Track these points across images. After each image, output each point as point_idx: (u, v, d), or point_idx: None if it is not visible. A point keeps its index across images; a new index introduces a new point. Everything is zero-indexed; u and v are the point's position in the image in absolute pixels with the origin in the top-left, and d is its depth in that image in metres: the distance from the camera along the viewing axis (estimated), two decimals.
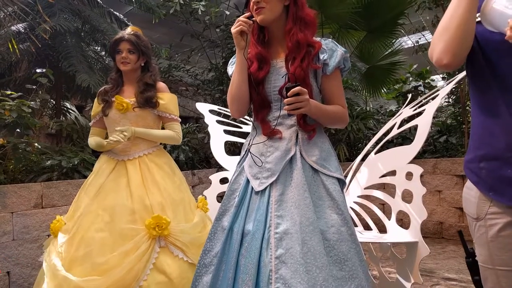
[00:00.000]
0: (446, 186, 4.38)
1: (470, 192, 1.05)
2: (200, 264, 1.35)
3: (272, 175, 1.29)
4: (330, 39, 1.41)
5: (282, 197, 1.25)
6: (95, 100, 2.12)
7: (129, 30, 2.10)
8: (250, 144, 1.39)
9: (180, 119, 2.16)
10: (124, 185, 1.91)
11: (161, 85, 2.12)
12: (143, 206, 1.86)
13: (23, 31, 4.21)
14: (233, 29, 1.28)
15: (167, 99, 2.08)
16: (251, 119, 1.47)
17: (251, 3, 1.33)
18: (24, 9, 3.56)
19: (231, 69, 1.48)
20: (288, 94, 1.18)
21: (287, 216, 1.21)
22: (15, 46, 3.49)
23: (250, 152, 1.37)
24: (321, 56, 1.34)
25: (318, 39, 1.39)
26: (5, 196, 2.84)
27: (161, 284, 1.71)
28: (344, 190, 2.67)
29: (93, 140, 2.07)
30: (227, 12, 5.81)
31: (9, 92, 3.12)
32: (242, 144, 1.77)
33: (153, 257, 1.76)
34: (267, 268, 1.16)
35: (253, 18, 1.29)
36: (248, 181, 1.35)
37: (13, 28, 4.10)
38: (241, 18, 1.28)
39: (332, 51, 1.35)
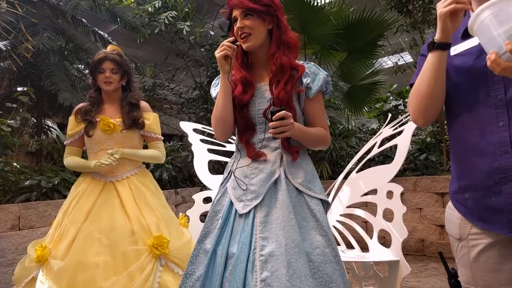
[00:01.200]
0: (427, 204, 4.46)
1: (453, 213, 1.06)
2: None
3: (257, 197, 1.28)
4: (313, 63, 1.44)
5: (267, 218, 1.25)
6: (71, 118, 2.07)
7: (109, 49, 2.10)
8: (235, 168, 1.38)
9: (162, 138, 2.17)
10: (117, 206, 1.90)
11: (144, 104, 2.12)
12: (141, 227, 1.86)
13: (4, 49, 4.17)
14: (217, 53, 1.29)
15: (152, 119, 2.09)
16: (235, 141, 1.47)
17: (235, 28, 1.34)
18: (5, 27, 3.54)
19: (214, 91, 1.49)
20: (273, 118, 1.19)
21: (272, 238, 1.20)
22: None
23: (234, 176, 1.36)
24: (304, 80, 1.37)
25: (300, 62, 1.41)
26: None
27: None
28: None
29: (72, 160, 2.03)
30: (212, 32, 5.90)
31: None
32: (226, 162, 1.78)
33: (157, 276, 1.78)
34: None
35: (237, 43, 1.31)
36: (231, 203, 1.34)
37: None
38: (225, 42, 1.29)
39: (315, 75, 1.38)
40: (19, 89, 3.49)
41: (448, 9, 0.91)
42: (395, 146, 2.46)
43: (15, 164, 3.33)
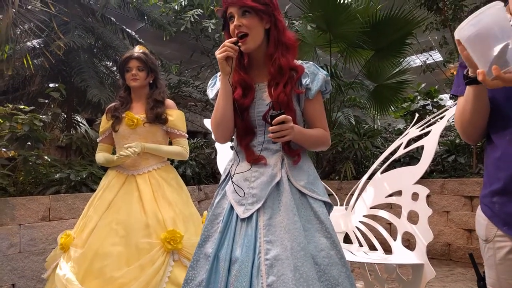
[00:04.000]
0: (454, 207, 4.33)
1: (481, 214, 1.07)
2: None
3: (258, 201, 1.25)
4: (312, 63, 1.39)
5: (270, 221, 1.22)
6: (103, 117, 2.18)
7: (137, 49, 2.18)
8: (234, 173, 1.34)
9: (187, 135, 2.20)
10: (136, 199, 1.96)
11: (169, 102, 2.18)
12: (156, 221, 1.90)
13: (37, 46, 4.33)
14: (218, 54, 1.24)
15: (175, 116, 2.14)
16: (233, 144, 1.43)
17: (232, 26, 1.29)
18: (39, 26, 3.67)
19: (211, 92, 1.45)
20: (273, 122, 1.16)
21: (277, 242, 1.17)
22: (30, 62, 3.58)
23: (232, 182, 1.32)
24: (304, 81, 1.33)
25: (299, 62, 1.37)
26: (14, 209, 2.88)
27: None
28: (350, 209, 2.65)
29: (101, 156, 2.14)
30: None
31: (22, 106, 3.19)
32: None
33: (168, 270, 1.80)
34: None
35: (239, 44, 1.25)
36: (232, 206, 1.30)
37: (28, 44, 4.22)
38: (226, 43, 1.24)
39: (314, 75, 1.34)
40: (50, 85, 3.61)
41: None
42: (422, 147, 2.40)
43: (46, 157, 3.45)
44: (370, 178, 2.67)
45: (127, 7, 5.11)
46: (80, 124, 5.16)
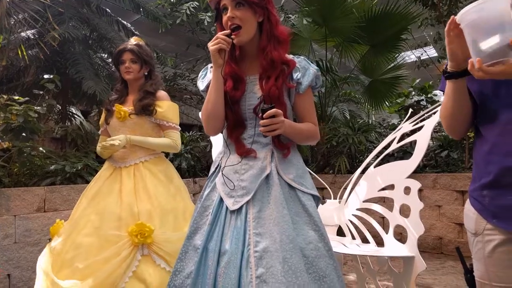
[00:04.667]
0: (446, 201, 4.39)
1: (470, 208, 1.08)
2: (170, 286, 1.28)
3: (248, 193, 1.26)
4: (303, 57, 1.40)
5: (260, 214, 1.23)
6: (103, 109, 2.19)
7: (132, 40, 2.16)
8: (224, 166, 1.35)
9: (179, 128, 2.17)
10: (116, 191, 1.94)
11: (162, 93, 2.14)
12: (130, 213, 1.86)
13: (32, 37, 4.30)
14: (211, 46, 1.23)
15: (166, 107, 2.09)
16: (223, 136, 1.43)
17: (225, 18, 1.29)
18: (34, 16, 3.64)
19: (201, 83, 1.45)
20: (263, 116, 1.17)
21: (266, 234, 1.18)
22: (24, 52, 3.56)
23: (222, 174, 1.33)
24: (294, 75, 1.34)
25: (290, 57, 1.37)
26: (8, 199, 2.88)
27: None
28: (343, 203, 2.68)
29: (98, 148, 2.14)
30: None
31: (16, 97, 3.18)
32: None
33: (133, 264, 1.74)
34: None
35: (232, 36, 1.25)
36: (221, 199, 1.31)
37: (22, 34, 4.18)
38: (220, 35, 1.24)
39: (305, 70, 1.35)
40: (45, 76, 3.60)
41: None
42: (415, 142, 2.43)
43: (41, 149, 3.45)
44: (363, 172, 2.70)
45: None
46: (75, 116, 5.15)
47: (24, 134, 3.10)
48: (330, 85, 6.05)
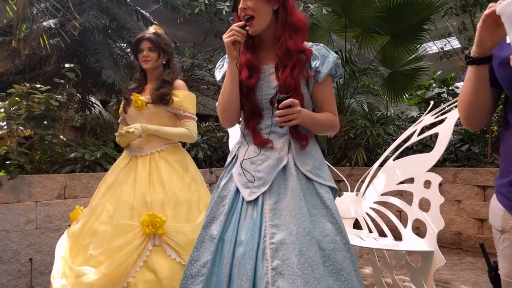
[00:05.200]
0: (466, 196, 4.29)
1: (497, 204, 1.04)
2: (186, 275, 1.29)
3: (264, 184, 1.25)
4: (323, 45, 1.36)
5: (276, 205, 1.22)
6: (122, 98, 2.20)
7: (151, 29, 2.15)
8: (242, 157, 1.33)
9: (195, 117, 2.15)
10: (131, 180, 1.96)
11: (179, 82, 2.13)
12: (143, 203, 1.87)
13: (53, 27, 4.36)
14: (226, 38, 1.22)
15: (182, 97, 2.08)
16: (240, 127, 1.42)
17: (239, 10, 1.27)
18: (55, 5, 3.69)
19: (218, 74, 1.44)
20: (279, 106, 1.15)
21: (283, 226, 1.18)
22: (46, 42, 3.61)
23: (241, 167, 1.31)
24: (313, 63, 1.30)
25: (310, 44, 1.34)
26: (30, 186, 2.96)
27: (149, 283, 1.69)
28: (361, 195, 2.65)
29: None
30: None
31: (38, 86, 3.24)
32: None
33: (144, 254, 1.75)
34: (263, 280, 1.12)
35: (246, 28, 1.24)
36: (238, 189, 1.31)
37: (44, 23, 4.25)
38: (234, 27, 1.22)
39: (324, 57, 1.31)
40: (66, 65, 3.64)
41: None
42: (435, 135, 2.37)
43: (61, 137, 3.51)
44: (382, 165, 2.66)
45: None
46: (95, 105, 5.22)
47: (45, 122, 3.15)
48: (349, 76, 5.96)
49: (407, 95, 6.14)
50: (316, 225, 1.20)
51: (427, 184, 2.25)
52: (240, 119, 1.44)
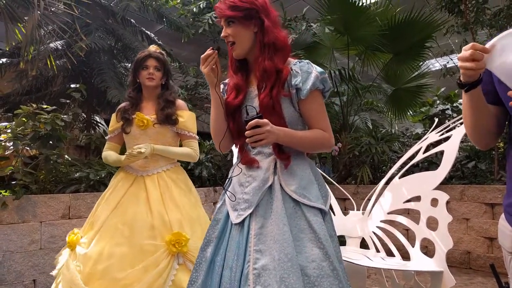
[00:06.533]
0: (474, 214, 4.23)
1: (506, 224, 1.02)
2: None
3: (250, 206, 1.25)
4: (307, 61, 1.35)
5: (262, 230, 1.21)
6: (113, 115, 2.17)
7: (153, 48, 2.16)
8: (230, 176, 1.36)
9: (197, 137, 2.17)
10: (143, 200, 1.93)
11: (180, 102, 2.15)
12: (162, 222, 1.87)
13: (60, 48, 4.44)
14: (203, 69, 1.31)
15: (186, 117, 2.11)
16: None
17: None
18: (62, 27, 3.76)
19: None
20: (246, 127, 1.16)
21: (266, 252, 1.17)
22: (53, 62, 3.67)
23: (224, 190, 1.35)
24: (293, 81, 1.29)
25: (294, 61, 1.34)
26: (35, 206, 2.95)
27: None
28: (367, 214, 2.62)
29: (108, 155, 2.12)
30: None
31: (45, 106, 3.27)
32: None
33: (172, 274, 1.76)
34: None
35: (216, 48, 1.31)
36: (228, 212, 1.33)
37: (51, 45, 4.32)
38: (203, 56, 1.30)
39: (308, 74, 1.29)
40: (72, 85, 3.68)
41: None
42: (441, 153, 2.35)
43: (66, 156, 3.53)
44: (387, 183, 2.64)
45: (146, 10, 5.19)
46: (99, 125, 5.26)
47: (51, 142, 3.17)
48: (352, 94, 5.98)
49: (411, 112, 6.15)
50: (302, 250, 1.17)
51: (434, 202, 2.22)
52: None
